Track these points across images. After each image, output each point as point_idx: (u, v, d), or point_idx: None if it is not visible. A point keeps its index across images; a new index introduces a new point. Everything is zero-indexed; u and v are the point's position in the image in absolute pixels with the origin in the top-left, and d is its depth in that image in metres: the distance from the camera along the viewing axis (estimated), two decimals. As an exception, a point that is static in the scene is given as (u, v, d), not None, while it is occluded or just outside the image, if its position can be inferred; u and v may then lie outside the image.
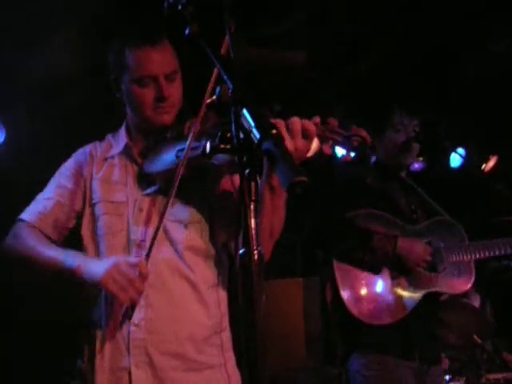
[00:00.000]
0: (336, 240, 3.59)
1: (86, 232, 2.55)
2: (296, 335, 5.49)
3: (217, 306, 2.52)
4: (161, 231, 2.39)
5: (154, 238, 2.34)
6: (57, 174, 2.63)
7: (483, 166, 5.15)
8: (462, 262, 3.63)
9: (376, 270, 3.52)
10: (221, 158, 2.26)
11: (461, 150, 4.98)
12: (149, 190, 2.49)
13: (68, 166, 2.63)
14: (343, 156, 2.24)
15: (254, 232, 1.54)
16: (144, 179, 2.52)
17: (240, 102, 1.59)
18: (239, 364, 2.53)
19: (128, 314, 2.34)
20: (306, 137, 2.09)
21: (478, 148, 5.16)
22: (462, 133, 5.35)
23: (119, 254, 2.43)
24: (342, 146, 2.19)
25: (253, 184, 1.55)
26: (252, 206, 1.55)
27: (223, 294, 2.56)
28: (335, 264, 3.53)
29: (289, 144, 2.05)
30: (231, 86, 1.65)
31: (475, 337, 4.09)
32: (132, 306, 2.32)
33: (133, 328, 2.38)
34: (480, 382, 4.67)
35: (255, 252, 1.53)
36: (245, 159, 1.57)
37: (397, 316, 3.46)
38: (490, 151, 5.69)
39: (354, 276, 3.52)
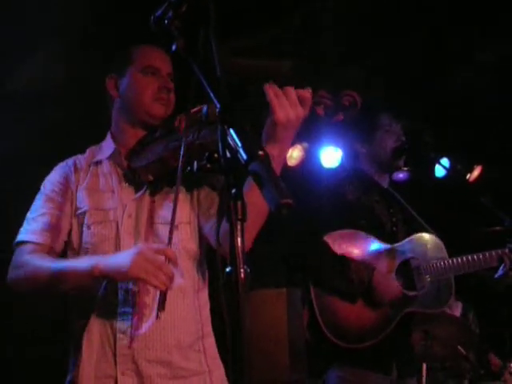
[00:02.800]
0: (313, 268, 3.53)
1: (74, 241, 2.51)
2: (280, 347, 5.44)
3: (200, 311, 2.52)
4: (152, 237, 2.42)
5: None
6: (42, 190, 2.59)
7: (468, 175, 5.16)
8: (441, 280, 3.60)
9: (352, 299, 3.47)
10: None
11: (445, 161, 4.98)
12: (136, 195, 2.49)
13: (53, 180, 2.60)
14: (334, 118, 2.31)
15: (240, 251, 1.54)
16: (132, 184, 2.52)
17: (227, 122, 1.59)
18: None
19: (160, 306, 2.21)
20: (303, 104, 2.17)
21: (462, 158, 5.16)
22: (447, 143, 5.36)
23: None
24: (334, 107, 2.30)
25: (239, 203, 1.55)
26: (239, 226, 1.54)
27: (205, 299, 2.57)
28: (312, 289, 3.49)
29: (290, 113, 2.11)
30: (218, 106, 1.65)
31: (459, 347, 4.08)
32: (164, 293, 2.21)
33: (120, 336, 2.38)
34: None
35: (241, 271, 1.53)
36: (231, 179, 1.57)
37: (375, 338, 3.43)
38: (475, 161, 5.71)
39: (331, 300, 3.47)
